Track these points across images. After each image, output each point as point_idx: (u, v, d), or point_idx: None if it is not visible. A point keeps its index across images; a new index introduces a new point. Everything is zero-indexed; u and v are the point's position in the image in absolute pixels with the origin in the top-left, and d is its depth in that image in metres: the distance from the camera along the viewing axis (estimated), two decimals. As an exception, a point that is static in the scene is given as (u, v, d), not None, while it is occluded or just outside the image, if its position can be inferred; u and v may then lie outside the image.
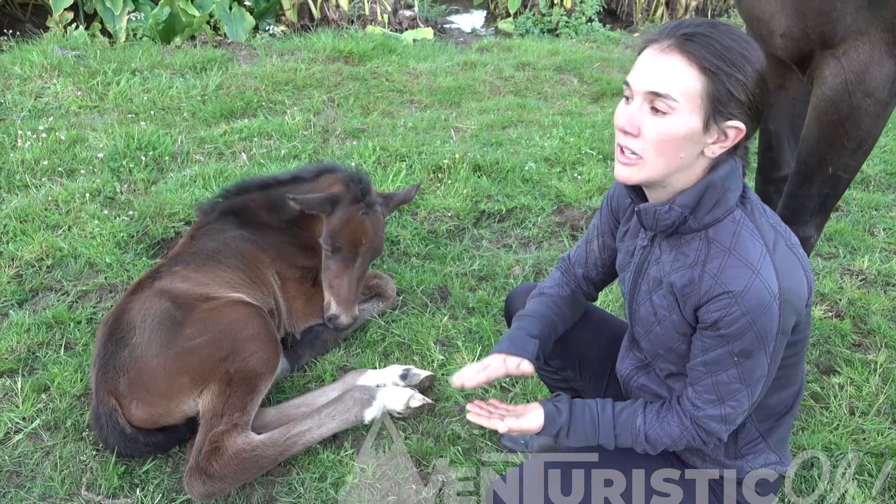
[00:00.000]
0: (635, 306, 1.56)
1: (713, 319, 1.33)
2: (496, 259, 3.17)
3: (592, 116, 4.69)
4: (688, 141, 1.27)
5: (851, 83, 1.82)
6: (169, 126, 3.98)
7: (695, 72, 1.24)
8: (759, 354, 1.33)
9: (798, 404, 1.60)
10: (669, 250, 1.42)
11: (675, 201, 1.34)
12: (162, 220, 3.13)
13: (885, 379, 2.55)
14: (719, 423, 1.42)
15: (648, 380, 1.60)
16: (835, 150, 1.94)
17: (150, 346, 2.06)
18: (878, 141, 4.65)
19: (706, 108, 1.25)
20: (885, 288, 3.13)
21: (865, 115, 1.86)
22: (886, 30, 1.74)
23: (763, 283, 1.28)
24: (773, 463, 1.58)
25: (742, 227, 1.34)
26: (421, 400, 2.27)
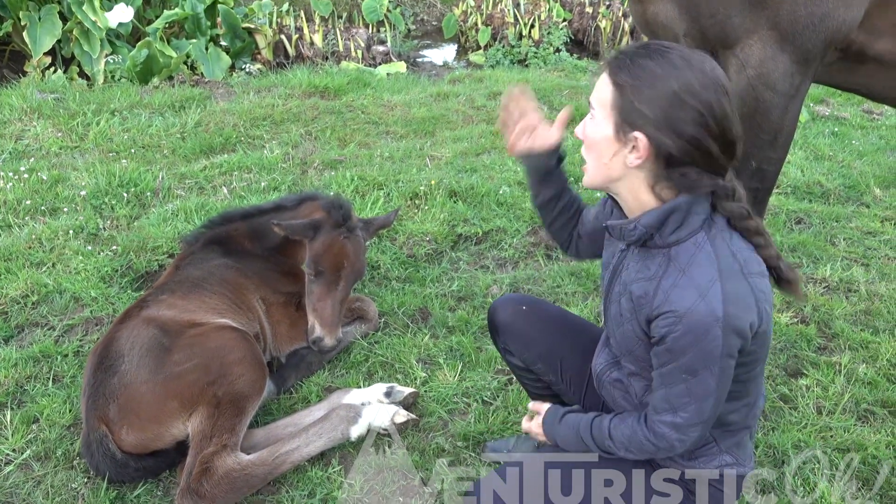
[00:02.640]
0: (608, 304, 1.66)
1: (661, 335, 1.42)
2: (474, 280, 3.26)
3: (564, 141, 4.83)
4: (605, 145, 1.43)
5: (753, 79, 1.96)
6: (150, 163, 4.05)
7: (609, 85, 1.41)
8: (705, 373, 1.41)
9: (753, 417, 1.67)
10: (637, 260, 1.53)
11: (640, 220, 1.45)
12: (145, 253, 3.19)
13: (849, 379, 2.67)
14: (671, 430, 1.49)
15: (620, 374, 1.69)
16: (753, 143, 2.08)
17: (138, 373, 2.12)
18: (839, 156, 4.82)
19: (615, 117, 1.40)
20: (846, 294, 3.27)
21: (772, 108, 1.99)
22: (772, 27, 1.89)
23: (708, 307, 1.36)
24: (729, 464, 1.65)
25: (700, 252, 1.42)
26: (405, 416, 2.34)
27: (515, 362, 1.94)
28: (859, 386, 2.63)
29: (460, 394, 2.53)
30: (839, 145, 5.12)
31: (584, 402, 1.86)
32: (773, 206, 4.07)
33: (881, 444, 2.36)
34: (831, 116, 5.75)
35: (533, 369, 1.91)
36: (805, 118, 5.57)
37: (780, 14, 1.85)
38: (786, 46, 1.90)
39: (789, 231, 3.84)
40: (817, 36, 1.89)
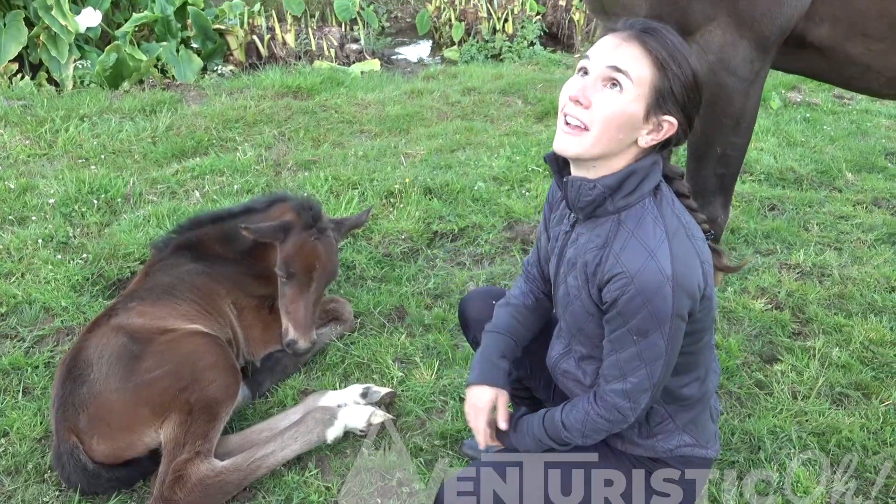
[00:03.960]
0: (556, 289, 1.66)
1: (613, 298, 1.42)
2: (451, 277, 3.25)
3: (538, 135, 4.84)
4: (628, 123, 1.39)
5: (714, 64, 1.98)
6: (120, 169, 4.00)
7: (649, 62, 1.38)
8: (656, 334, 1.41)
9: (707, 394, 1.68)
10: (586, 232, 1.52)
11: (599, 181, 1.44)
12: (117, 261, 3.15)
13: (823, 363, 2.69)
14: (621, 398, 1.48)
15: (569, 363, 1.69)
16: (717, 129, 2.10)
17: (108, 382, 2.09)
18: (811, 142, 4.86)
19: (650, 97, 1.38)
20: (820, 279, 3.29)
21: (734, 93, 2.02)
22: (731, 14, 1.92)
23: (657, 265, 1.38)
24: (689, 445, 1.65)
25: (647, 213, 1.44)
26: (382, 416, 2.33)
27: (485, 358, 1.93)
28: (833, 370, 2.66)
29: (437, 392, 2.52)
30: (811, 131, 5.16)
31: (554, 395, 1.86)
32: (746, 193, 4.09)
33: (855, 426, 2.38)
34: (803, 103, 5.80)
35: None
36: (777, 105, 5.61)
37: (739, 1, 1.87)
38: (745, 33, 1.92)
39: (763, 218, 3.86)
40: (774, 22, 1.91)
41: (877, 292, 3.15)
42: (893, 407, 2.48)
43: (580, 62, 1.45)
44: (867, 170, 4.53)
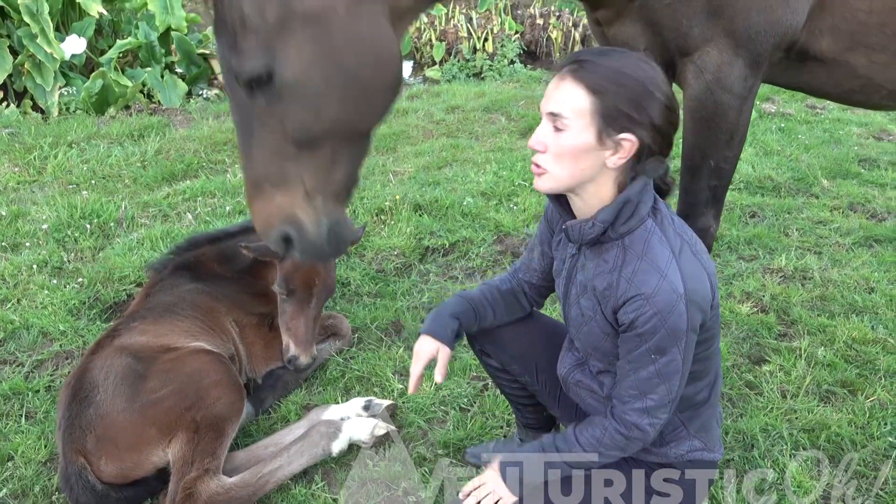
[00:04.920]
0: (567, 309, 1.72)
1: (630, 320, 1.49)
2: (444, 291, 3.30)
3: (522, 150, 4.94)
4: (584, 153, 1.46)
5: (711, 83, 2.07)
6: (111, 193, 4.02)
7: (583, 92, 1.44)
8: (673, 350, 1.48)
9: (715, 396, 1.75)
10: (593, 257, 1.60)
11: (596, 217, 1.51)
12: (112, 284, 3.17)
13: (809, 362, 2.78)
14: (641, 416, 1.55)
15: (583, 375, 1.75)
16: (711, 143, 2.19)
17: (114, 402, 2.11)
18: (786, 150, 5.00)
19: (597, 123, 1.44)
20: (802, 282, 3.40)
21: (729, 109, 2.12)
22: (728, 35, 2.01)
23: (670, 285, 1.45)
24: (699, 449, 1.73)
25: (652, 236, 1.51)
26: (385, 427, 2.37)
27: (492, 363, 1.99)
28: (819, 368, 2.74)
29: (437, 403, 2.56)
30: (786, 140, 5.31)
31: (560, 401, 1.92)
32: (728, 201, 4.19)
33: (843, 422, 2.46)
34: (777, 113, 5.96)
35: (509, 370, 1.97)
36: (754, 116, 5.77)
37: (735, 23, 1.98)
38: (740, 51, 2.02)
39: (745, 225, 3.97)
40: (768, 40, 2.01)
41: (857, 293, 3.25)
42: (878, 402, 2.57)
43: None
44: (842, 176, 4.67)
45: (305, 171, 1.69)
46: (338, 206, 1.77)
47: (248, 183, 1.75)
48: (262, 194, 1.72)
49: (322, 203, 1.73)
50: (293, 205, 1.71)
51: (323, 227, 1.73)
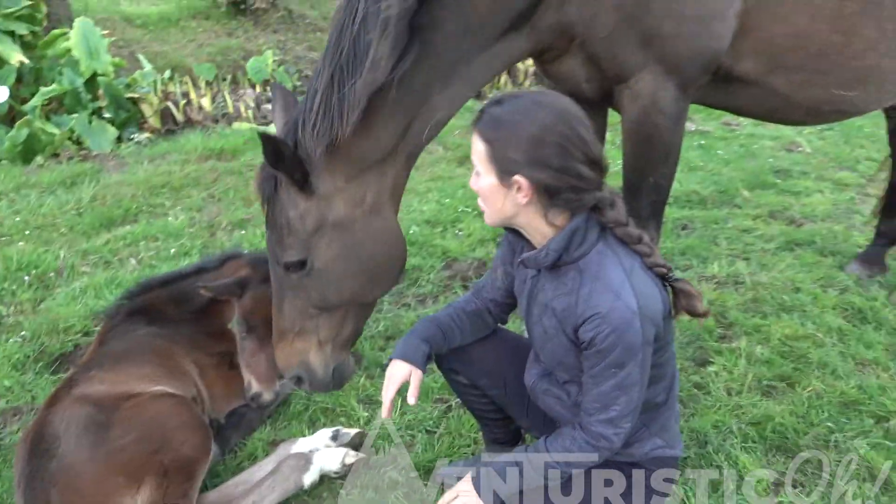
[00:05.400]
0: (531, 327, 1.82)
1: (589, 338, 1.60)
2: (399, 318, 3.35)
3: (462, 178, 5.07)
4: (494, 194, 1.61)
5: (647, 106, 2.25)
6: (48, 243, 3.91)
7: (480, 142, 1.60)
8: (631, 364, 1.59)
9: (673, 398, 1.88)
10: (551, 280, 1.71)
11: (549, 246, 1.63)
12: (58, 335, 3.09)
13: (749, 360, 2.95)
14: (606, 426, 1.65)
15: (550, 384, 1.85)
16: (649, 162, 2.36)
17: (78, 453, 2.06)
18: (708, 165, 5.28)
19: (494, 167, 1.58)
20: (735, 287, 3.61)
21: (664, 130, 2.30)
22: (659, 63, 2.20)
23: (624, 303, 1.56)
24: (661, 447, 1.84)
25: (605, 258, 1.63)
26: (355, 456, 2.39)
27: (461, 381, 2.06)
28: (759, 365, 2.92)
29: (404, 427, 2.60)
30: (707, 156, 5.63)
31: (528, 412, 2.00)
32: (660, 216, 4.43)
33: (785, 413, 2.63)
34: (696, 131, 6.32)
35: (479, 385, 2.04)
36: (675, 135, 6.09)
37: (665, 51, 2.15)
38: (671, 77, 2.19)
39: (677, 237, 4.19)
40: (696, 65, 2.20)
41: (785, 294, 3.48)
42: (815, 393, 2.76)
43: None
44: (760, 187, 4.98)
45: (321, 327, 2.20)
46: (343, 352, 2.30)
47: (275, 330, 2.25)
48: (286, 340, 2.23)
49: (331, 351, 2.25)
50: (308, 351, 2.22)
51: (329, 369, 2.26)
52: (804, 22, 2.26)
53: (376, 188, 2.14)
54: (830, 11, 2.26)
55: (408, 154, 2.21)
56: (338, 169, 2.06)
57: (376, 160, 2.11)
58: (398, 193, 2.26)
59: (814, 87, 2.45)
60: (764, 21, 2.23)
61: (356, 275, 2.15)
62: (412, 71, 2.00)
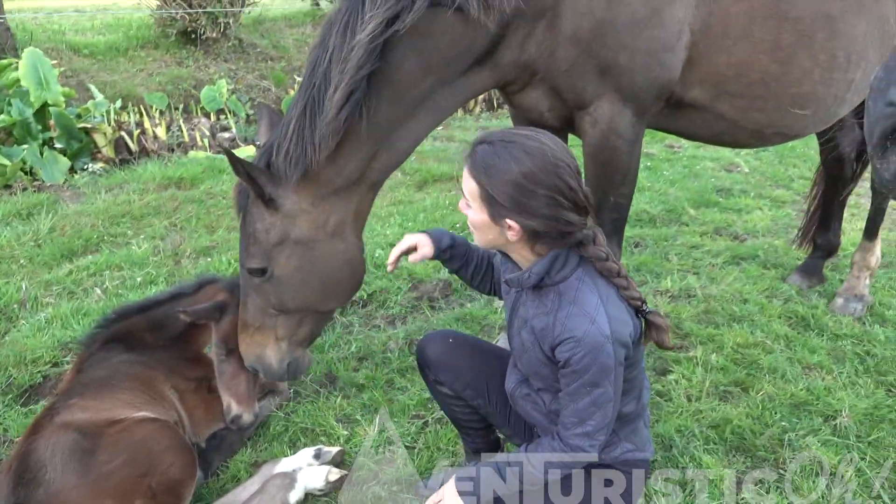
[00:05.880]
0: (511, 336, 1.94)
1: (565, 358, 1.71)
2: (370, 339, 3.43)
3: (421, 202, 5.20)
4: (485, 227, 1.74)
5: (605, 131, 2.43)
6: (7, 275, 3.85)
7: (472, 178, 1.71)
8: (605, 383, 1.71)
9: (642, 408, 2.00)
10: (533, 298, 1.83)
11: (531, 270, 1.76)
12: (26, 366, 3.05)
13: (706, 368, 3.13)
14: (582, 439, 1.76)
15: (528, 389, 1.96)
16: (609, 182, 2.54)
17: (66, 479, 2.07)
18: (655, 186, 5.53)
19: (486, 206, 1.70)
20: (688, 299, 3.81)
21: (622, 153, 2.48)
22: (616, 91, 2.39)
23: (598, 328, 1.68)
24: (630, 450, 1.96)
25: (583, 284, 1.75)
26: (338, 473, 2.45)
27: (445, 391, 2.15)
28: (715, 372, 3.10)
29: (384, 444, 2.67)
30: (654, 177, 5.91)
31: (510, 418, 2.11)
32: (614, 235, 4.63)
33: (742, 415, 2.80)
34: (642, 154, 6.60)
35: (463, 396, 2.13)
36: (622, 158, 6.37)
37: (621, 81, 2.33)
38: (628, 104, 2.36)
39: (631, 254, 4.39)
40: (649, 93, 2.38)
41: (734, 304, 3.70)
42: (767, 396, 2.95)
43: None
44: (704, 205, 5.27)
45: (279, 326, 2.42)
46: (298, 349, 2.50)
47: (240, 322, 2.47)
48: (247, 331, 2.45)
49: (286, 347, 2.46)
50: (265, 345, 2.44)
51: (284, 363, 2.47)
52: (745, 53, 2.47)
53: (340, 213, 2.32)
54: (768, 44, 2.49)
55: (373, 182, 2.38)
56: (305, 191, 2.24)
57: (342, 186, 2.28)
58: (362, 218, 2.46)
59: (756, 112, 2.67)
60: (710, 53, 2.43)
61: (312, 287, 2.36)
62: (377, 105, 2.16)
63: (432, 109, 2.33)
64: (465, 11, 2.10)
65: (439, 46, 2.17)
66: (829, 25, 2.56)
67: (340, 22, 2.12)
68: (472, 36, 2.19)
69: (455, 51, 2.21)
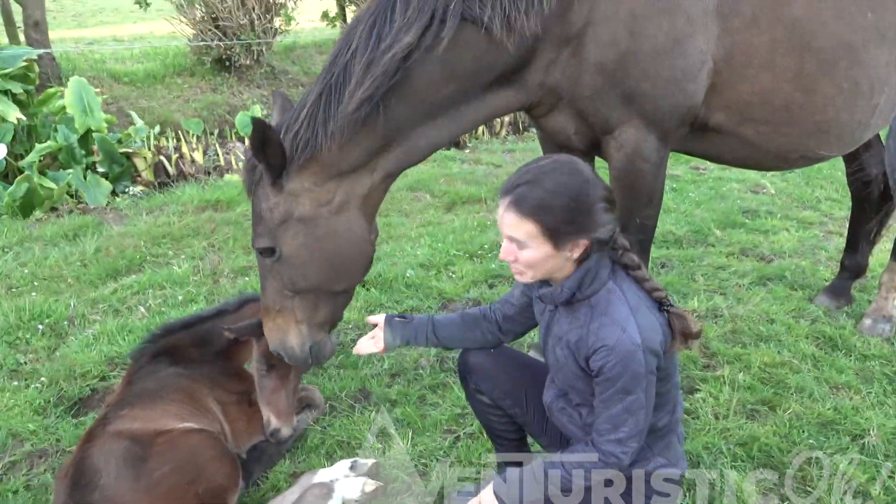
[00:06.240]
0: (547, 353, 2.03)
1: (598, 367, 1.80)
2: (402, 357, 3.53)
3: (450, 223, 5.31)
4: (547, 258, 1.81)
5: (630, 155, 2.52)
6: (56, 293, 4.03)
7: (528, 221, 1.77)
8: (637, 391, 1.78)
9: (675, 423, 2.06)
10: (566, 315, 1.92)
11: (564, 285, 1.85)
12: (75, 380, 3.20)
13: (733, 387, 3.18)
14: (615, 445, 1.83)
15: (566, 403, 2.04)
16: (635, 204, 2.63)
17: (119, 484, 2.19)
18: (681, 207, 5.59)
19: (549, 239, 1.77)
20: (714, 320, 3.86)
21: (647, 175, 2.56)
22: (640, 117, 2.48)
23: (629, 337, 1.76)
24: (663, 465, 2.02)
25: (613, 295, 1.84)
26: (374, 484, 2.54)
27: (484, 400, 2.24)
28: (742, 391, 3.15)
29: (416, 457, 2.76)
30: (679, 199, 5.96)
31: (546, 430, 2.18)
32: (640, 256, 4.70)
33: (770, 433, 2.84)
34: (668, 176, 6.67)
35: (501, 405, 2.22)
36: (648, 180, 6.44)
37: (645, 107, 2.42)
38: (652, 129, 2.46)
39: (657, 274, 4.45)
40: (673, 118, 2.47)
41: (761, 325, 3.74)
42: (794, 414, 2.98)
43: None
44: (730, 226, 5.31)
45: (297, 308, 2.48)
46: (320, 333, 2.55)
47: (262, 306, 2.55)
48: (269, 315, 2.52)
49: (307, 330, 2.51)
50: (287, 329, 2.50)
51: (306, 347, 2.52)
52: (768, 81, 2.55)
53: (345, 193, 2.38)
54: (792, 72, 2.57)
55: (385, 172, 2.44)
56: (309, 171, 2.30)
57: (347, 170, 2.35)
58: (371, 204, 2.47)
59: (780, 137, 2.74)
60: (733, 81, 2.52)
61: (319, 266, 2.40)
62: (395, 105, 2.27)
63: (453, 118, 2.43)
64: (490, 30, 2.22)
65: (462, 59, 2.28)
66: (851, 55, 2.64)
67: (367, 22, 2.24)
68: (496, 53, 2.30)
69: (477, 65, 2.31)
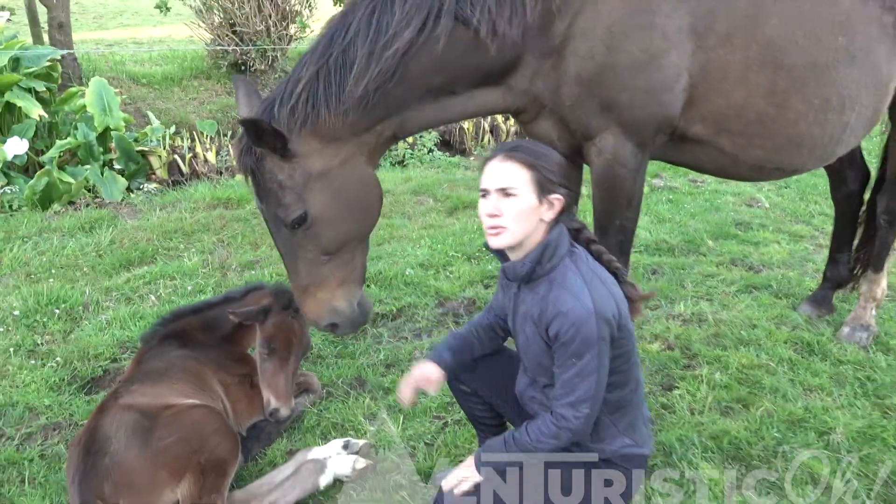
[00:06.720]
0: (516, 336, 2.20)
1: (555, 333, 1.95)
2: (397, 350, 3.71)
3: (451, 227, 5.50)
4: (531, 212, 1.99)
5: (609, 160, 2.69)
6: (72, 281, 4.24)
7: (523, 168, 1.99)
8: (588, 355, 1.92)
9: (638, 400, 2.19)
10: (528, 292, 2.09)
11: (526, 259, 2.03)
12: (88, 361, 3.40)
13: (710, 386, 3.33)
14: (568, 409, 1.95)
15: (535, 391, 2.21)
16: (615, 207, 2.80)
17: (128, 451, 2.38)
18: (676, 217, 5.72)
19: (535, 188, 1.99)
20: (699, 323, 4.02)
21: (626, 180, 2.73)
22: (619, 125, 2.66)
23: (581, 304, 1.93)
24: (629, 445, 2.14)
25: (568, 269, 2.02)
26: (364, 462, 2.72)
27: (465, 390, 2.42)
28: (718, 390, 3.30)
29: (406, 440, 2.94)
30: (675, 209, 6.12)
31: (521, 417, 2.35)
32: (632, 261, 4.86)
33: (740, 428, 3.00)
34: (665, 187, 6.84)
35: (480, 394, 2.40)
36: (646, 190, 6.60)
37: (623, 116, 2.61)
38: (630, 136, 2.64)
39: (647, 280, 4.62)
40: (649, 127, 2.65)
41: (743, 330, 3.89)
42: (766, 412, 3.14)
43: (481, 188, 2.08)
44: (723, 237, 5.45)
45: (335, 270, 2.60)
46: (360, 288, 2.70)
47: (296, 290, 2.64)
48: (309, 295, 2.62)
49: (351, 288, 2.65)
50: (332, 297, 2.61)
51: (355, 305, 2.67)
52: (742, 96, 2.73)
53: (349, 150, 2.52)
54: (764, 88, 2.74)
55: (386, 136, 2.63)
56: (312, 136, 2.44)
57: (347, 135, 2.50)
58: (373, 157, 2.63)
59: (755, 149, 2.91)
60: (708, 94, 2.70)
61: (347, 214, 2.54)
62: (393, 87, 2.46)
63: (440, 107, 2.63)
64: (478, 32, 2.43)
65: (451, 55, 2.47)
66: (822, 73, 2.80)
67: (367, 7, 2.42)
68: (482, 55, 2.50)
69: (464, 62, 2.52)
